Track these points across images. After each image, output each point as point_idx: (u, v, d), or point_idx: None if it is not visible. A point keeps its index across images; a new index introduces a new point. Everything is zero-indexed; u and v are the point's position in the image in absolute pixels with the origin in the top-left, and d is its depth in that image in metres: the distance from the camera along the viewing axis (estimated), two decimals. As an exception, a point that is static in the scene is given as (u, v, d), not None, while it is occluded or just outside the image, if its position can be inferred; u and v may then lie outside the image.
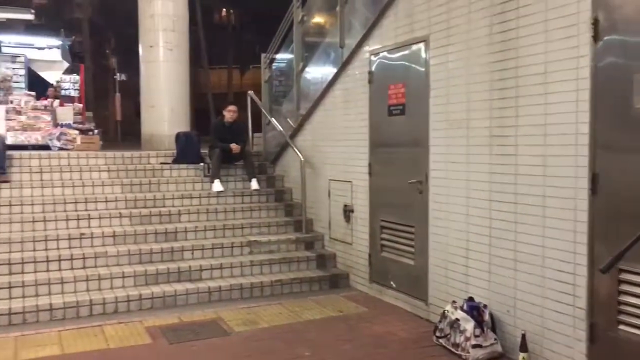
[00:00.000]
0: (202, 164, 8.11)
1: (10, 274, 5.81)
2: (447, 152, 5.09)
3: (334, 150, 7.00)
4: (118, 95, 18.30)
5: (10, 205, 6.67)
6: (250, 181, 7.89)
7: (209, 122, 18.01)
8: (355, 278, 6.64)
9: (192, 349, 4.86)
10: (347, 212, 6.71)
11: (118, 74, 18.88)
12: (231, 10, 26.27)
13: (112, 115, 20.65)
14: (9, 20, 11.17)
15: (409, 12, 5.55)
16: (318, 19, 7.93)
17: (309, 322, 5.50)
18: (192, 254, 6.62)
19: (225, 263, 6.54)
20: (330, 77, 6.99)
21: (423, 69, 5.35)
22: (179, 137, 8.52)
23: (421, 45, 5.36)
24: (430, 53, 5.24)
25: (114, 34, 22.87)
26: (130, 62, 22.79)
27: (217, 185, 7.67)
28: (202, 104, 17.00)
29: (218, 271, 6.47)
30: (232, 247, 6.84)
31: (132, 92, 23.36)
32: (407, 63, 5.62)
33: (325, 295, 6.37)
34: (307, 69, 7.70)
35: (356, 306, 5.97)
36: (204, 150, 8.29)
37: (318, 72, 7.44)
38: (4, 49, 11.99)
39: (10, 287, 5.62)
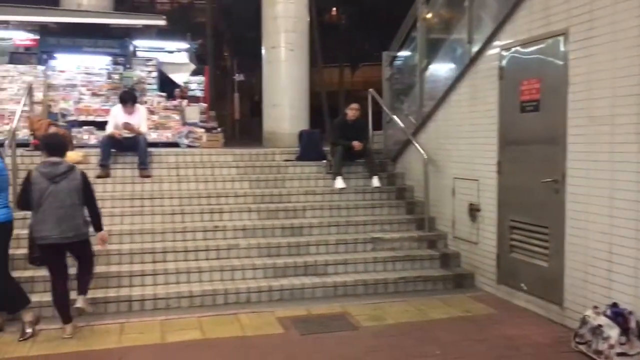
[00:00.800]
0: (324, 161, 8.30)
1: (154, 262, 6.27)
2: (587, 150, 4.85)
3: (459, 148, 6.89)
4: (237, 95, 19.08)
5: (152, 198, 7.20)
6: (371, 178, 7.96)
7: (323, 120, 18.37)
8: (481, 278, 6.51)
9: (323, 341, 4.99)
10: (473, 211, 6.58)
11: (237, 75, 19.66)
12: (341, 9, 26.53)
13: (230, 114, 21.57)
14: (143, 26, 11.95)
15: (545, 5, 5.34)
16: (444, 15, 7.83)
17: (436, 321, 5.46)
18: (317, 248, 6.80)
19: (350, 259, 6.65)
20: (456, 74, 6.88)
21: (561, 63, 5.13)
22: (302, 135, 8.77)
23: (559, 39, 5.15)
24: (570, 46, 5.02)
25: (233, 37, 23.85)
26: (247, 63, 23.70)
27: (339, 182, 7.81)
28: (315, 102, 17.30)
29: (343, 266, 6.59)
30: (355, 243, 6.93)
31: (248, 92, 24.36)
32: (542, 57, 5.42)
33: (450, 295, 6.30)
34: (431, 66, 7.64)
35: (484, 307, 5.85)
36: (326, 148, 8.48)
37: (442, 69, 7.35)
38: (139, 53, 12.87)
39: (154, 274, 6.06)
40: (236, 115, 19.56)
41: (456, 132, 6.96)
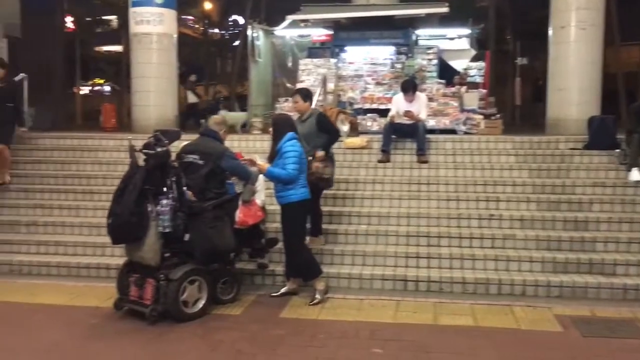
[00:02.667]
0: (617, 150, 7.49)
1: (429, 245, 6.45)
2: None
3: None
4: (518, 79, 18.18)
5: (429, 183, 7.40)
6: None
7: (617, 104, 16.43)
8: None
9: (609, 346, 4.57)
10: None
11: (519, 58, 18.72)
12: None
13: (510, 99, 20.70)
14: (426, 15, 12.17)
15: None
16: None
17: None
18: (605, 246, 6.22)
19: (645, 260, 5.93)
20: None
21: None
22: (592, 121, 8.06)
23: None
24: None
25: (518, 19, 22.78)
26: (532, 45, 22.38)
27: (635, 175, 7.02)
28: (609, 84, 15.58)
29: (635, 268, 5.92)
30: (654, 243, 6.15)
31: (531, 77, 23.00)
32: None
33: None
34: None
35: None
36: (621, 136, 7.63)
37: None
38: (420, 42, 13.19)
39: (429, 258, 6.24)
40: (517, 100, 18.65)
41: None
